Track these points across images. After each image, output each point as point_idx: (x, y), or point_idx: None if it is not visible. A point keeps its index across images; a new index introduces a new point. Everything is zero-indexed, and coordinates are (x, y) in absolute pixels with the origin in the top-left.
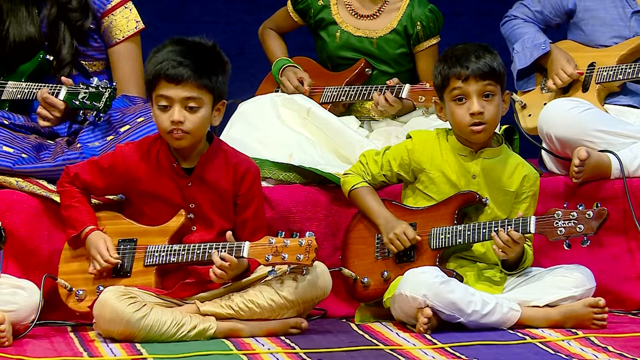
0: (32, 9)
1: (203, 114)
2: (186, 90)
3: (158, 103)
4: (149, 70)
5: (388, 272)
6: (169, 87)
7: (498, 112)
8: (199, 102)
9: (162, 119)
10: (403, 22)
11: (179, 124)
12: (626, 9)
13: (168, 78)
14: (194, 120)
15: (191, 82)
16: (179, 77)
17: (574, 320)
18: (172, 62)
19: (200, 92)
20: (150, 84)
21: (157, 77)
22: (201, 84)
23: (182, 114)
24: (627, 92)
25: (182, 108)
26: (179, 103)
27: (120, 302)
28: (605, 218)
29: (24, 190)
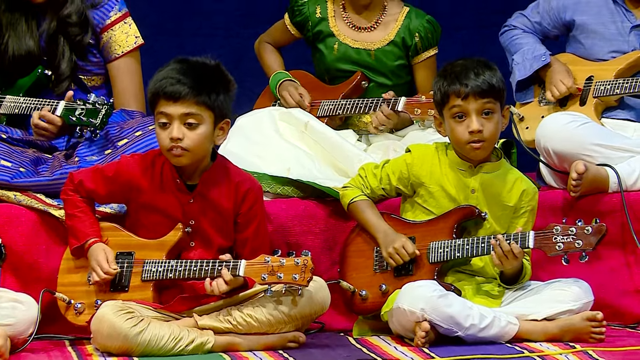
0: (31, 23)
1: (202, 131)
2: (184, 106)
3: (159, 120)
4: (150, 89)
5: (386, 285)
6: (168, 104)
7: (497, 129)
8: (198, 119)
9: (162, 137)
10: (401, 34)
11: (177, 140)
12: (625, 24)
13: (166, 95)
14: (192, 137)
15: (189, 99)
16: (176, 95)
17: (572, 334)
18: (171, 80)
19: (199, 108)
20: (151, 102)
21: (157, 95)
22: (199, 100)
23: (181, 131)
24: (625, 106)
25: (181, 125)
26: (177, 120)
27: (117, 318)
28: (604, 234)
29: (22, 204)
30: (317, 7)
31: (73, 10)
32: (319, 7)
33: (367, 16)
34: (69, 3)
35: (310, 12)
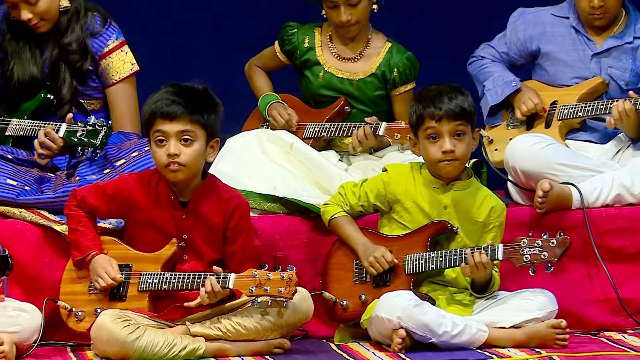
0: (35, 50)
1: (197, 147)
2: (180, 124)
3: (155, 139)
4: (145, 111)
5: (365, 295)
6: (164, 122)
7: (468, 149)
8: (193, 136)
9: (159, 154)
10: (382, 67)
11: (174, 156)
12: (586, 52)
13: (163, 115)
14: (188, 153)
15: (184, 118)
16: (172, 114)
17: (538, 341)
18: (167, 101)
19: (193, 126)
20: (147, 123)
21: (153, 115)
22: (194, 119)
23: (178, 147)
24: (587, 129)
25: (177, 142)
26: (174, 137)
27: (115, 325)
28: (568, 246)
29: (27, 220)
30: (306, 37)
31: (73, 38)
32: (307, 37)
33: (352, 48)
34: (70, 32)
35: (299, 42)
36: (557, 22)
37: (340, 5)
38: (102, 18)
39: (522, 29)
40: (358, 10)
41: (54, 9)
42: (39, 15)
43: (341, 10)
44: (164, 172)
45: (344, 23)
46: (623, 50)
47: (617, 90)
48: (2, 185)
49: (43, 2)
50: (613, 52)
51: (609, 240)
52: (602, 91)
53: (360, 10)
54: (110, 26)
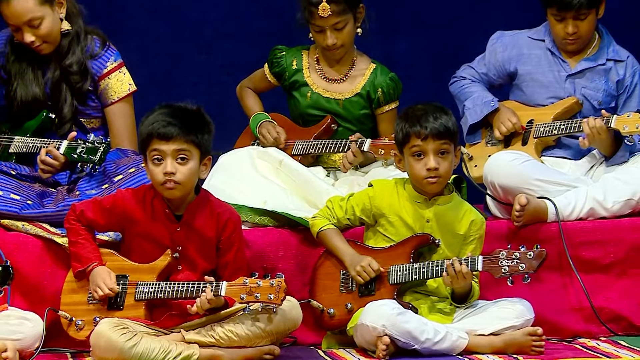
0: (37, 71)
1: (192, 165)
2: (176, 144)
3: (152, 158)
4: (142, 131)
5: (351, 304)
6: (161, 142)
7: (451, 166)
8: (188, 155)
9: (155, 172)
10: (366, 88)
11: (171, 175)
12: (561, 73)
13: (160, 136)
14: (184, 171)
15: (180, 138)
16: (169, 135)
17: (515, 347)
18: (163, 122)
19: (188, 145)
20: (144, 143)
21: (150, 135)
22: (188, 139)
23: (174, 166)
24: (562, 146)
25: (174, 160)
26: (170, 156)
27: (113, 333)
28: (545, 258)
29: (29, 233)
30: (294, 59)
31: (74, 60)
32: (295, 59)
33: (338, 69)
34: (71, 54)
35: (287, 64)
36: (533, 45)
37: (326, 29)
38: (101, 41)
39: (500, 50)
40: (343, 34)
41: (56, 32)
42: (42, 38)
43: (327, 34)
44: (160, 189)
45: (330, 46)
46: (596, 71)
47: (590, 110)
48: (6, 200)
49: (45, 25)
50: (587, 74)
51: (582, 252)
52: (576, 110)
53: (345, 34)
54: (109, 48)
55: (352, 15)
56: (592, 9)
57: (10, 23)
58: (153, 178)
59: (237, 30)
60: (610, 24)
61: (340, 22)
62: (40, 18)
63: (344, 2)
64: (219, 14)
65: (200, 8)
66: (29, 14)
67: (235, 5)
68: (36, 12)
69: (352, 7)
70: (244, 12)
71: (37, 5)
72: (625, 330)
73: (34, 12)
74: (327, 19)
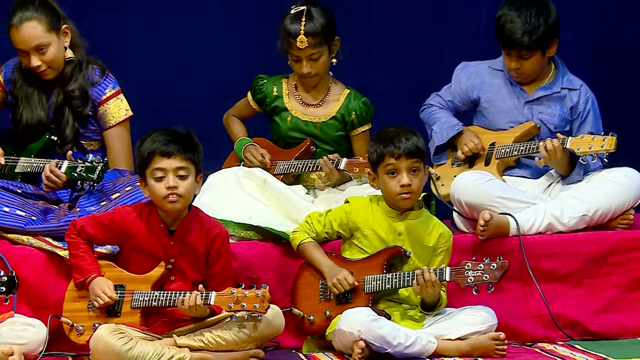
0: (42, 96)
1: (190, 181)
2: (177, 161)
3: (154, 175)
4: (142, 151)
5: (329, 311)
6: (163, 160)
7: (422, 183)
8: (187, 171)
9: (158, 188)
10: (341, 111)
11: (174, 189)
12: (520, 100)
13: (162, 153)
14: (185, 186)
15: (180, 155)
16: (170, 152)
17: (480, 351)
18: (163, 142)
19: (187, 162)
20: (145, 162)
21: (152, 153)
22: (187, 156)
23: (176, 181)
24: (521, 166)
25: (175, 176)
26: (172, 172)
27: (111, 337)
28: (507, 269)
29: (34, 246)
30: (274, 86)
31: (76, 86)
32: (275, 86)
33: (314, 95)
34: (74, 81)
35: (268, 91)
36: (494, 74)
37: (302, 59)
38: (100, 70)
39: (464, 80)
40: (318, 64)
41: (60, 59)
42: (47, 63)
43: (303, 64)
44: (163, 203)
45: (305, 75)
46: (552, 98)
47: (547, 133)
48: (12, 216)
49: (51, 51)
50: (543, 100)
51: (541, 263)
52: (534, 134)
53: (320, 64)
54: (108, 77)
55: (328, 47)
56: (536, 50)
57: (18, 48)
58: (155, 193)
59: (225, 61)
60: (565, 56)
61: (315, 54)
62: (47, 44)
63: (321, 35)
64: (208, 46)
65: (191, 41)
66: (37, 40)
67: (223, 39)
68: (43, 38)
69: (327, 39)
70: (232, 44)
71: (44, 33)
72: (581, 335)
73: (41, 39)
74: (304, 50)
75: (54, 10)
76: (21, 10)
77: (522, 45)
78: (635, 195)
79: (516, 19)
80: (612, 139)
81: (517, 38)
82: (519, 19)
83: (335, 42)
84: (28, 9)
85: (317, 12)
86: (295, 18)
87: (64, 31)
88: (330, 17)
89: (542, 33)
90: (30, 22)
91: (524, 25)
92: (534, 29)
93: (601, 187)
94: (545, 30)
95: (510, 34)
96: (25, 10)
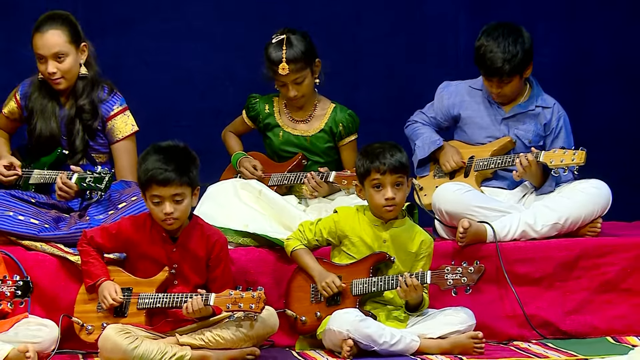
0: (55, 108)
1: (186, 203)
2: (172, 188)
3: (152, 201)
4: (141, 176)
5: (320, 312)
6: (159, 188)
7: (405, 195)
8: (183, 196)
9: (156, 212)
10: (329, 124)
11: (170, 214)
12: (497, 117)
13: (158, 182)
14: (180, 209)
15: (176, 183)
16: (166, 181)
17: (460, 349)
18: (160, 170)
19: (182, 188)
20: (143, 186)
21: (150, 181)
22: (183, 182)
23: (172, 207)
24: (498, 178)
25: (171, 202)
26: (168, 199)
27: (118, 336)
28: (483, 273)
29: (47, 252)
30: (266, 105)
31: (87, 101)
32: (267, 105)
33: (303, 112)
34: (85, 96)
35: (261, 109)
36: (473, 93)
37: (287, 84)
38: (109, 89)
39: (446, 98)
40: (303, 87)
41: (74, 72)
42: (62, 72)
43: (289, 88)
44: (162, 224)
45: (291, 98)
46: (527, 115)
47: (522, 147)
48: (27, 224)
49: (68, 62)
50: (519, 117)
51: (516, 267)
52: (510, 148)
53: (304, 87)
54: (116, 95)
55: (310, 70)
56: (514, 76)
57: (39, 53)
58: (155, 215)
59: (224, 81)
60: (540, 76)
61: (299, 78)
62: (65, 54)
63: (302, 61)
64: (209, 67)
65: (193, 62)
66: (57, 47)
67: (223, 60)
68: (63, 47)
69: (308, 63)
70: (232, 66)
71: (65, 42)
72: (553, 334)
73: (61, 47)
74: (287, 75)
75: (77, 29)
76: (49, 20)
77: (502, 73)
78: (602, 205)
79: (495, 49)
80: (582, 153)
81: (498, 67)
82: (498, 49)
83: (317, 63)
84: (55, 21)
85: (297, 38)
86: (277, 46)
87: (82, 49)
88: (309, 41)
89: (520, 60)
90: (55, 30)
91: (503, 54)
92: (512, 57)
93: (571, 197)
94: (523, 57)
95: (492, 63)
96: (52, 22)
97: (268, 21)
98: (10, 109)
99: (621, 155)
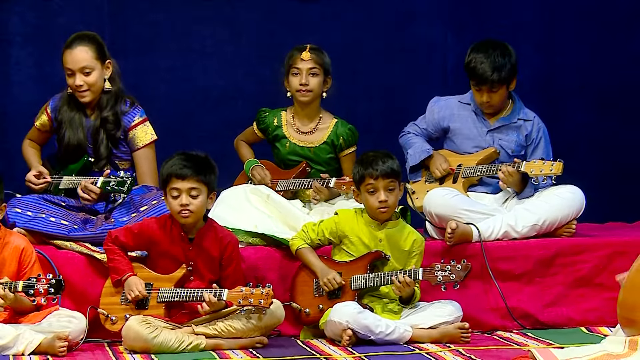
0: (82, 119)
1: (201, 199)
2: (190, 183)
3: (171, 194)
4: (163, 172)
5: (322, 305)
6: (178, 181)
7: (397, 198)
8: (199, 192)
9: (174, 204)
10: (331, 137)
11: (186, 206)
12: (483, 128)
13: (177, 175)
14: (196, 203)
15: (193, 178)
16: (184, 175)
17: (448, 338)
18: (179, 165)
19: (199, 184)
20: (165, 182)
21: (170, 175)
22: (199, 179)
23: (188, 199)
24: (483, 184)
25: (188, 195)
26: (185, 192)
27: (140, 326)
28: (470, 270)
29: (75, 250)
30: (275, 118)
31: (111, 113)
32: (275, 118)
33: (308, 124)
34: (109, 108)
35: (269, 122)
36: (462, 107)
37: (302, 72)
38: (130, 102)
39: (436, 111)
40: (314, 81)
41: (99, 86)
42: (88, 85)
43: (302, 76)
44: (177, 217)
45: (302, 87)
46: (510, 127)
47: (505, 157)
48: (58, 225)
49: (94, 76)
50: (502, 129)
51: (499, 264)
52: (495, 157)
53: (315, 82)
54: (136, 107)
55: (324, 75)
56: (503, 85)
57: (68, 67)
58: (171, 208)
59: (236, 96)
60: (520, 91)
61: (315, 69)
62: (91, 69)
63: (322, 62)
64: (222, 82)
65: (207, 78)
66: (84, 62)
67: (235, 76)
68: (90, 62)
69: (326, 72)
70: (243, 81)
71: (92, 58)
72: (533, 325)
73: (88, 62)
74: (307, 61)
75: (103, 47)
76: (77, 39)
77: (492, 81)
78: (577, 208)
79: (485, 60)
80: (559, 164)
81: (488, 75)
82: (488, 60)
83: (328, 79)
84: (83, 40)
85: (321, 49)
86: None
87: (107, 65)
88: (329, 59)
89: (508, 70)
90: (83, 47)
91: (493, 63)
92: (501, 66)
93: (549, 201)
94: (510, 68)
95: (483, 72)
96: (81, 40)
97: (274, 42)
98: (41, 122)
99: (594, 163)
